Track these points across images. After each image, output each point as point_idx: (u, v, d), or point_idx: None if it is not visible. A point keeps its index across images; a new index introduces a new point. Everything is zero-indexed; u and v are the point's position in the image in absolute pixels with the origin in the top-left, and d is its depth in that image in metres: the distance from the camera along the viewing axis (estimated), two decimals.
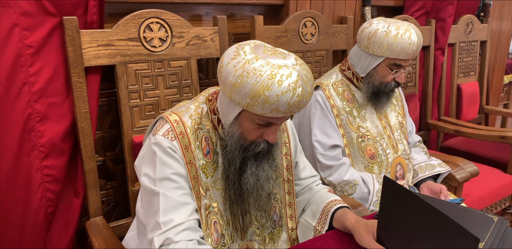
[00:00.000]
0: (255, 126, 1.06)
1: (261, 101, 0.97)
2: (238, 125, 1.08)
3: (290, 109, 1.00)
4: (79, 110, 1.41)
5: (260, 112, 1.00)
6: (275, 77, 0.96)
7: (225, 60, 1.02)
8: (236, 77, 0.98)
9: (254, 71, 0.97)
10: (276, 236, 1.30)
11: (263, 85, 0.96)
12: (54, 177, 1.40)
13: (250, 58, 0.99)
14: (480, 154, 2.56)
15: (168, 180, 1.07)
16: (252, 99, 0.98)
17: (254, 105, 0.99)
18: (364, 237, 1.09)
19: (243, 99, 0.99)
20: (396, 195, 0.97)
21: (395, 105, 1.88)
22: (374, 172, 1.72)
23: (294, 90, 0.97)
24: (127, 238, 1.33)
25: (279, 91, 0.96)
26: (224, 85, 1.02)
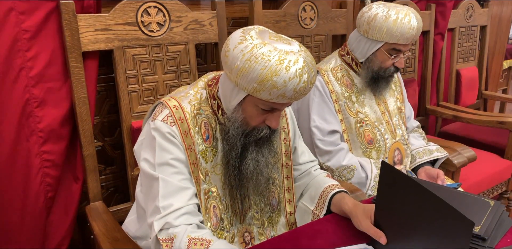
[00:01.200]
0: (259, 112, 1.07)
1: (268, 87, 0.97)
2: (242, 110, 1.08)
3: (295, 95, 1.00)
4: (77, 96, 1.41)
5: (266, 97, 1.00)
6: (283, 63, 0.96)
7: (231, 45, 1.01)
8: (244, 62, 0.98)
9: (262, 56, 0.96)
10: (275, 220, 1.31)
11: (271, 70, 0.96)
12: (53, 162, 1.41)
13: (257, 43, 0.99)
14: (478, 139, 2.57)
15: (168, 165, 1.08)
16: (260, 84, 0.98)
17: (261, 90, 0.99)
18: (362, 221, 1.10)
19: (249, 84, 0.99)
20: (394, 179, 0.98)
21: (394, 91, 1.88)
22: (372, 157, 1.73)
23: (301, 77, 0.98)
24: (126, 222, 1.34)
25: (286, 77, 0.96)
26: (230, 70, 1.01)
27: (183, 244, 0.97)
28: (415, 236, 0.92)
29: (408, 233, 0.95)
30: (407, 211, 0.94)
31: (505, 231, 1.12)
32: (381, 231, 1.04)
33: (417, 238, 0.91)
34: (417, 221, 0.90)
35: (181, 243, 0.98)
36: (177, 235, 0.99)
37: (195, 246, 0.97)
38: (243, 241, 1.24)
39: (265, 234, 1.28)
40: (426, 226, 0.87)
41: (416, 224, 0.91)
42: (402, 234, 0.97)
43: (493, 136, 2.55)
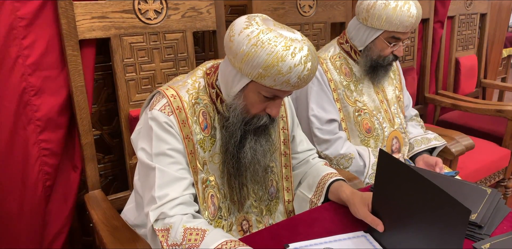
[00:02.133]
0: (261, 99, 1.06)
1: (273, 73, 0.97)
2: (244, 97, 1.07)
3: (299, 83, 1.01)
4: (74, 84, 1.40)
5: (270, 84, 1.00)
6: (289, 49, 0.97)
7: (237, 30, 1.01)
8: (250, 47, 0.97)
9: (269, 41, 0.97)
10: (273, 208, 1.32)
11: (277, 56, 0.96)
12: (51, 151, 1.41)
13: (263, 28, 0.99)
14: (476, 128, 2.57)
15: (164, 155, 1.08)
16: (265, 70, 0.97)
17: (266, 76, 0.99)
18: (359, 208, 1.10)
19: (254, 70, 0.99)
20: (392, 168, 0.98)
21: (393, 79, 1.87)
22: (370, 145, 1.73)
23: (305, 64, 0.98)
24: (125, 210, 1.34)
25: (291, 63, 0.97)
26: (235, 55, 1.01)
27: (178, 234, 0.98)
28: (412, 224, 0.92)
29: (405, 221, 0.95)
30: (405, 199, 0.94)
31: (501, 219, 1.12)
32: (378, 218, 1.04)
33: (414, 226, 0.92)
34: (414, 209, 0.91)
35: (176, 233, 0.98)
36: (172, 225, 1.00)
37: (190, 236, 0.97)
38: (241, 229, 1.25)
39: (263, 222, 1.29)
40: (423, 214, 0.88)
41: (413, 212, 0.91)
42: (400, 222, 0.98)
43: (491, 124, 2.56)
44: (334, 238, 1.07)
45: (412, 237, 0.93)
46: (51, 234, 1.48)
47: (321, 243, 1.05)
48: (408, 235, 0.95)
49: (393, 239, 1.01)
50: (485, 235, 1.05)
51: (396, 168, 0.97)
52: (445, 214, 0.81)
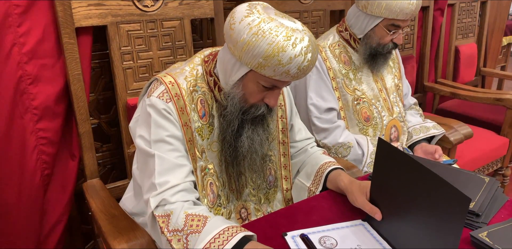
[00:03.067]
0: (259, 88, 1.06)
1: (273, 63, 0.97)
2: (242, 86, 1.07)
3: (298, 73, 1.00)
4: (71, 72, 1.39)
5: (269, 74, 1.00)
6: (290, 39, 0.96)
7: (237, 17, 1.00)
8: (251, 36, 0.96)
9: (270, 31, 0.96)
10: (271, 196, 1.32)
11: (278, 46, 0.95)
12: (49, 140, 1.40)
13: (264, 17, 0.98)
14: (475, 116, 2.57)
15: (163, 142, 1.07)
16: (265, 59, 0.97)
17: (266, 66, 0.98)
18: (357, 197, 1.10)
19: (254, 59, 0.98)
20: (390, 156, 0.98)
21: (392, 68, 1.86)
22: (369, 134, 1.73)
23: (306, 55, 0.98)
24: (124, 199, 1.35)
25: (292, 54, 0.96)
26: (235, 43, 1.00)
27: (180, 220, 0.98)
28: (411, 213, 0.92)
29: (403, 210, 0.95)
30: (403, 187, 0.94)
31: (499, 207, 1.13)
32: (376, 207, 1.05)
33: (413, 215, 0.92)
34: (413, 198, 0.91)
35: (178, 219, 0.98)
36: (173, 211, 1.00)
37: (192, 222, 0.97)
38: (239, 217, 1.25)
39: (262, 210, 1.29)
40: (422, 202, 0.88)
41: (412, 200, 0.91)
42: (398, 211, 0.98)
43: (490, 113, 2.56)
44: (332, 227, 1.07)
45: (410, 226, 0.93)
46: (50, 222, 1.49)
47: (318, 232, 1.05)
48: (406, 223, 0.95)
49: (391, 228, 1.01)
50: (483, 223, 1.05)
51: (395, 157, 0.96)
52: (444, 203, 0.81)
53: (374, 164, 1.05)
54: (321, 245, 1.00)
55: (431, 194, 0.84)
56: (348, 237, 1.03)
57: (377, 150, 1.02)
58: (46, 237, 1.49)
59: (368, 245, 1.00)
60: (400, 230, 0.98)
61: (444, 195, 0.81)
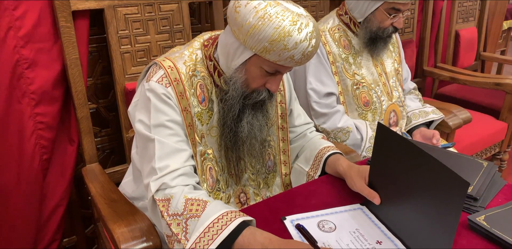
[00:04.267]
0: (262, 73, 1.05)
1: (279, 47, 0.96)
2: (245, 71, 1.06)
3: (302, 59, 1.00)
4: (68, 57, 1.38)
5: (274, 59, 0.99)
6: (296, 24, 0.95)
7: (243, 1, 0.99)
8: (257, 19, 0.95)
9: (276, 15, 0.95)
10: (270, 181, 1.32)
11: (285, 30, 0.95)
12: (47, 124, 1.40)
13: (271, 1, 0.97)
14: (474, 101, 2.57)
15: (163, 126, 1.07)
16: (271, 44, 0.96)
17: (271, 51, 0.97)
18: (356, 181, 1.11)
19: (259, 44, 0.97)
20: (389, 141, 0.98)
21: (392, 52, 1.85)
22: (368, 119, 1.73)
23: (310, 41, 0.98)
24: (123, 183, 1.35)
25: (298, 39, 0.96)
26: (240, 26, 0.99)
27: (180, 205, 0.98)
28: (409, 197, 0.93)
29: (402, 194, 0.96)
30: (402, 172, 0.94)
31: (496, 191, 1.13)
32: (375, 191, 1.05)
33: (411, 199, 0.92)
34: (411, 182, 0.91)
35: (178, 203, 0.98)
36: (174, 195, 1.00)
37: (191, 206, 0.97)
38: (239, 201, 1.26)
39: (261, 194, 1.30)
40: (421, 187, 0.88)
41: (411, 185, 0.92)
42: (396, 195, 0.98)
43: (489, 97, 2.55)
44: (330, 211, 1.08)
45: (408, 210, 0.94)
46: (50, 207, 1.50)
47: (317, 216, 1.06)
48: (404, 208, 0.96)
49: (390, 212, 1.02)
50: (480, 207, 1.06)
51: (394, 141, 0.96)
52: (443, 187, 0.81)
53: (373, 149, 1.05)
54: (320, 229, 1.01)
55: (429, 178, 0.85)
56: (346, 221, 1.04)
57: (376, 135, 1.02)
58: (46, 221, 1.50)
59: (367, 229, 1.01)
60: (398, 214, 0.98)
61: (442, 179, 0.81)
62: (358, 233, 1.00)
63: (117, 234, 1.07)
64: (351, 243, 0.96)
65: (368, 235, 0.99)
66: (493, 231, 0.94)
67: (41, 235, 1.50)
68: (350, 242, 0.96)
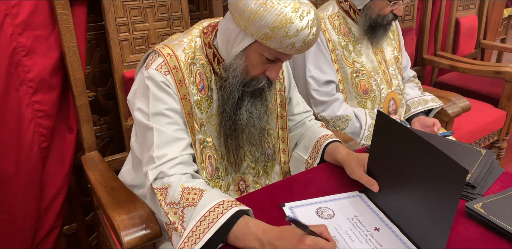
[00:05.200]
0: (262, 60, 1.05)
1: (280, 34, 0.96)
2: (245, 58, 1.05)
3: (303, 47, 0.99)
4: (66, 44, 1.37)
5: (274, 46, 0.99)
6: (297, 12, 0.95)
7: None
8: (259, 5, 0.95)
9: (279, 1, 0.95)
10: (270, 169, 1.33)
11: (286, 17, 0.94)
12: (45, 113, 1.40)
13: None
14: (474, 89, 2.57)
15: (162, 115, 1.07)
16: (272, 30, 0.96)
17: (272, 37, 0.97)
18: (355, 169, 1.11)
19: (261, 30, 0.97)
20: (389, 128, 0.98)
21: (392, 40, 1.84)
22: (367, 107, 1.73)
23: (312, 28, 0.97)
24: (122, 171, 1.35)
25: (299, 26, 0.95)
26: (241, 12, 0.98)
27: (176, 194, 0.98)
28: (408, 185, 0.93)
29: (401, 182, 0.96)
30: (401, 160, 0.95)
31: (494, 179, 1.14)
32: (373, 179, 1.05)
33: (410, 187, 0.93)
34: (410, 170, 0.92)
35: (175, 192, 0.99)
36: (171, 184, 1.00)
37: (188, 195, 0.97)
38: (238, 189, 1.26)
39: (260, 182, 1.30)
40: (419, 174, 0.89)
41: (409, 172, 0.92)
42: (395, 183, 0.99)
43: (488, 86, 2.55)
44: (329, 198, 1.09)
45: (407, 197, 0.94)
46: (50, 194, 1.50)
47: (316, 203, 1.06)
48: (403, 195, 0.96)
49: (388, 199, 1.02)
50: (478, 195, 1.06)
51: (393, 129, 0.96)
52: (442, 174, 0.81)
53: (373, 136, 1.05)
54: (319, 216, 1.01)
55: (428, 166, 0.85)
56: (345, 208, 1.05)
57: (376, 122, 1.02)
58: (46, 209, 1.51)
59: (365, 216, 1.02)
60: (396, 201, 0.99)
61: (441, 166, 0.81)
62: (357, 219, 1.01)
63: (117, 222, 1.08)
64: (349, 229, 0.97)
65: (366, 222, 1.00)
66: (490, 218, 0.94)
67: (42, 223, 1.50)
68: (348, 229, 0.97)
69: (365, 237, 0.94)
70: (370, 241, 0.93)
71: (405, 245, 0.92)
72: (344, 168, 1.17)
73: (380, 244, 0.92)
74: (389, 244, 0.92)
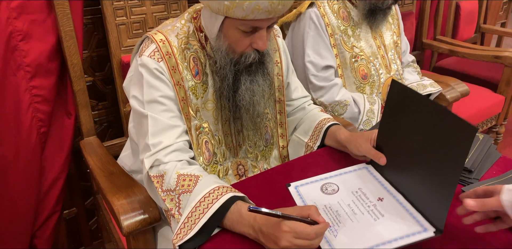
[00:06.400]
0: (241, 34, 1.02)
1: (238, 1, 0.92)
2: (224, 37, 1.04)
3: (272, 6, 0.95)
4: (63, 29, 1.36)
5: (241, 15, 0.96)
6: None
7: None
8: None
9: None
10: (268, 153, 1.33)
11: None
12: (43, 98, 1.39)
13: None
14: (473, 74, 2.56)
15: (156, 102, 1.07)
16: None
17: (233, 7, 0.94)
18: (362, 143, 1.08)
19: (220, 4, 0.95)
20: (403, 97, 0.96)
21: (391, 24, 1.83)
22: (365, 92, 1.73)
23: None
24: (122, 157, 1.36)
25: None
26: None
27: (172, 181, 0.99)
28: (418, 153, 0.92)
29: (410, 152, 0.95)
30: (412, 127, 0.93)
31: (491, 164, 1.14)
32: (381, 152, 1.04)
33: (419, 155, 0.91)
34: (421, 137, 0.90)
35: (170, 179, 0.99)
36: (166, 171, 1.01)
37: (183, 182, 0.98)
38: (237, 173, 1.27)
39: (258, 166, 1.31)
40: (430, 140, 0.87)
41: (420, 139, 0.90)
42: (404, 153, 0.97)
43: (488, 70, 2.54)
44: (334, 173, 1.08)
45: (414, 166, 0.93)
46: (49, 179, 1.51)
47: (321, 179, 1.06)
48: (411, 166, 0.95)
49: (395, 170, 1.01)
50: (475, 179, 1.07)
51: (408, 97, 0.95)
52: (451, 134, 0.81)
53: (384, 108, 1.03)
54: (323, 192, 1.01)
55: (439, 129, 0.84)
56: (350, 181, 1.04)
57: (389, 93, 1.00)
58: (45, 194, 1.51)
59: (369, 187, 1.01)
60: (403, 171, 0.98)
61: (451, 125, 0.81)
62: (360, 192, 1.00)
63: (117, 206, 1.09)
64: (352, 203, 0.96)
65: (370, 193, 0.99)
66: None
67: (42, 207, 1.51)
68: (351, 202, 0.97)
69: (367, 209, 0.94)
70: (372, 212, 0.93)
71: (408, 212, 0.92)
72: (348, 146, 1.14)
73: (382, 213, 0.92)
74: (391, 212, 0.92)
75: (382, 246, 0.83)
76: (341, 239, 0.87)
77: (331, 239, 0.87)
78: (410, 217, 0.91)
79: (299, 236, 0.80)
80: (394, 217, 0.91)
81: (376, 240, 0.85)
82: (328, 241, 0.86)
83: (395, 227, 0.88)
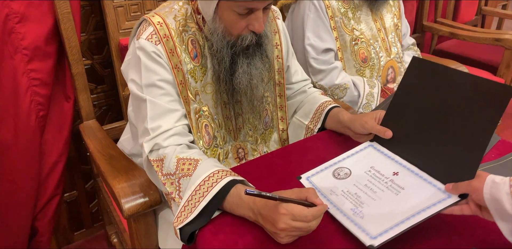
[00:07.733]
0: (237, 16, 1.01)
1: None
2: (219, 19, 1.03)
3: None
4: (60, 11, 1.34)
5: None
6: None
7: None
8: None
9: None
10: (268, 136, 1.33)
11: None
12: (41, 81, 1.38)
13: None
14: (473, 57, 2.54)
15: (155, 86, 1.06)
16: None
17: None
18: (367, 120, 1.07)
19: None
20: (423, 71, 0.96)
21: (392, 6, 1.81)
22: (365, 75, 1.72)
23: None
24: (122, 140, 1.36)
25: None
26: None
27: (172, 165, 0.99)
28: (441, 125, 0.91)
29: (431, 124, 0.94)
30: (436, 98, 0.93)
31: (490, 147, 1.15)
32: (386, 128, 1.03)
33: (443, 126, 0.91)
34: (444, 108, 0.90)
35: (170, 163, 0.99)
36: (166, 156, 1.01)
37: (183, 166, 0.98)
38: (237, 156, 1.27)
39: (258, 150, 1.31)
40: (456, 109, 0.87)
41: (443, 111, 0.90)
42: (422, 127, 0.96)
43: (488, 53, 2.52)
44: (342, 157, 1.06)
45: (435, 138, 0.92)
46: (49, 163, 1.51)
47: (331, 165, 1.04)
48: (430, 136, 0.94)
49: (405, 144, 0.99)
50: None
51: (429, 70, 0.95)
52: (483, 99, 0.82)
53: (400, 84, 1.02)
54: (336, 178, 0.99)
55: (470, 94, 0.84)
56: (360, 162, 1.02)
57: (408, 69, 0.99)
58: (46, 177, 1.52)
59: (381, 164, 0.99)
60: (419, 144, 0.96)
61: (483, 89, 0.81)
62: (374, 170, 0.98)
63: (117, 189, 1.09)
64: (368, 182, 0.95)
65: (383, 169, 0.97)
66: None
67: (42, 190, 1.52)
68: (368, 182, 0.95)
69: (385, 185, 0.93)
70: (391, 187, 0.92)
71: (427, 181, 0.90)
72: (351, 125, 1.12)
73: (401, 186, 0.91)
74: (411, 184, 0.91)
75: (413, 218, 0.82)
76: (370, 220, 0.85)
77: (359, 222, 0.85)
78: (430, 185, 0.89)
79: (296, 218, 0.81)
80: (414, 189, 0.89)
81: (404, 213, 0.84)
82: (357, 224, 0.85)
83: (419, 198, 0.87)
